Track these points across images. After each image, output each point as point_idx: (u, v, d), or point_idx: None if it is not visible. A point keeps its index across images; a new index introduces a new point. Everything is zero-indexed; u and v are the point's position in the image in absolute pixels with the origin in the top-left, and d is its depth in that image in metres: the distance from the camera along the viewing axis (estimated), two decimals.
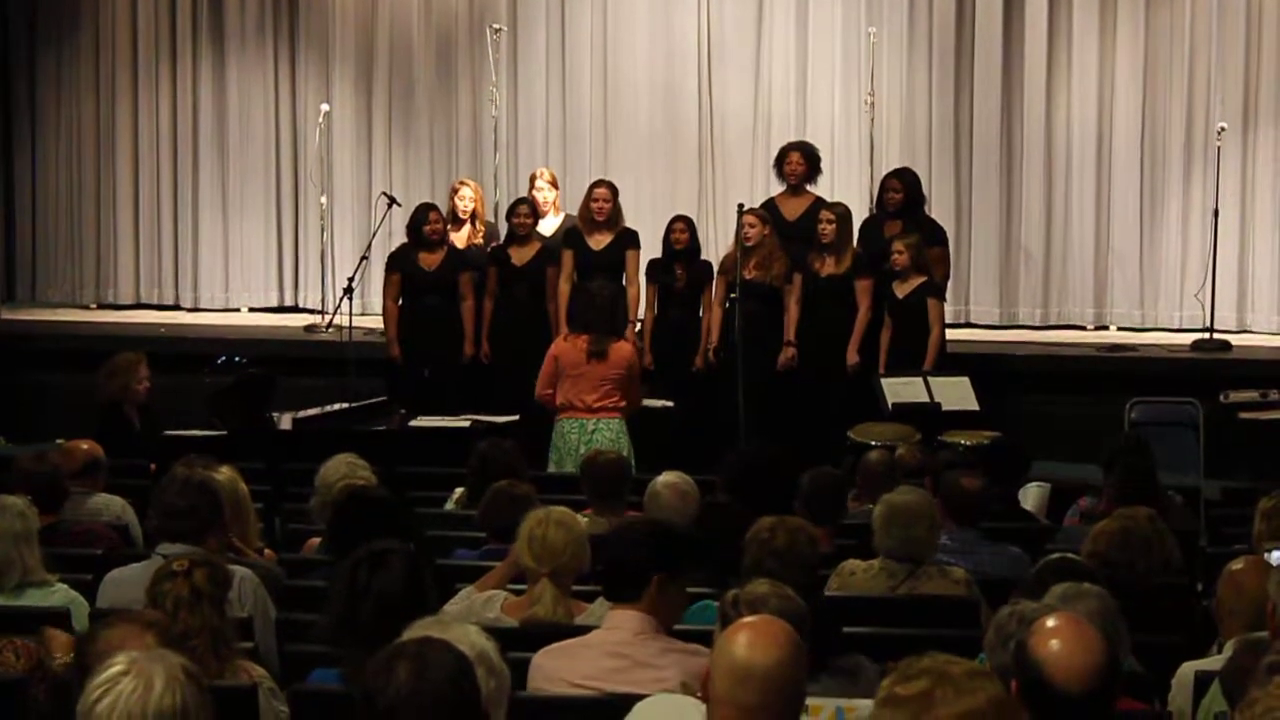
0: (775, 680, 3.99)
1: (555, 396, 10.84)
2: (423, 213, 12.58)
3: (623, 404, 10.81)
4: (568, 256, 12.41)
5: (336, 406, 11.45)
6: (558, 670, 5.31)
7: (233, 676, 5.20)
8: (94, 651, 4.26)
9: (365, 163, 15.27)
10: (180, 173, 15.41)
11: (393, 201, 13.37)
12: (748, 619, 4.33)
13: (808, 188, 12.76)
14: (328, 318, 13.63)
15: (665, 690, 5.05)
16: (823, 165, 12.92)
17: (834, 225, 12.06)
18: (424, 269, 12.46)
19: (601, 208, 12.35)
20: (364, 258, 13.14)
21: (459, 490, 8.92)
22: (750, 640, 4.04)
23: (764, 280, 12.01)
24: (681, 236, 12.36)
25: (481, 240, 12.88)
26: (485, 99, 14.59)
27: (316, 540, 7.58)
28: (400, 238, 12.92)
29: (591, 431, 10.69)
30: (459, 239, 12.78)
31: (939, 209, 13.83)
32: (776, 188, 12.94)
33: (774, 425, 11.60)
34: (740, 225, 12.01)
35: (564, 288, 12.31)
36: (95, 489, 8.33)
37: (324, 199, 14.64)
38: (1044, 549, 7.50)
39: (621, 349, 10.83)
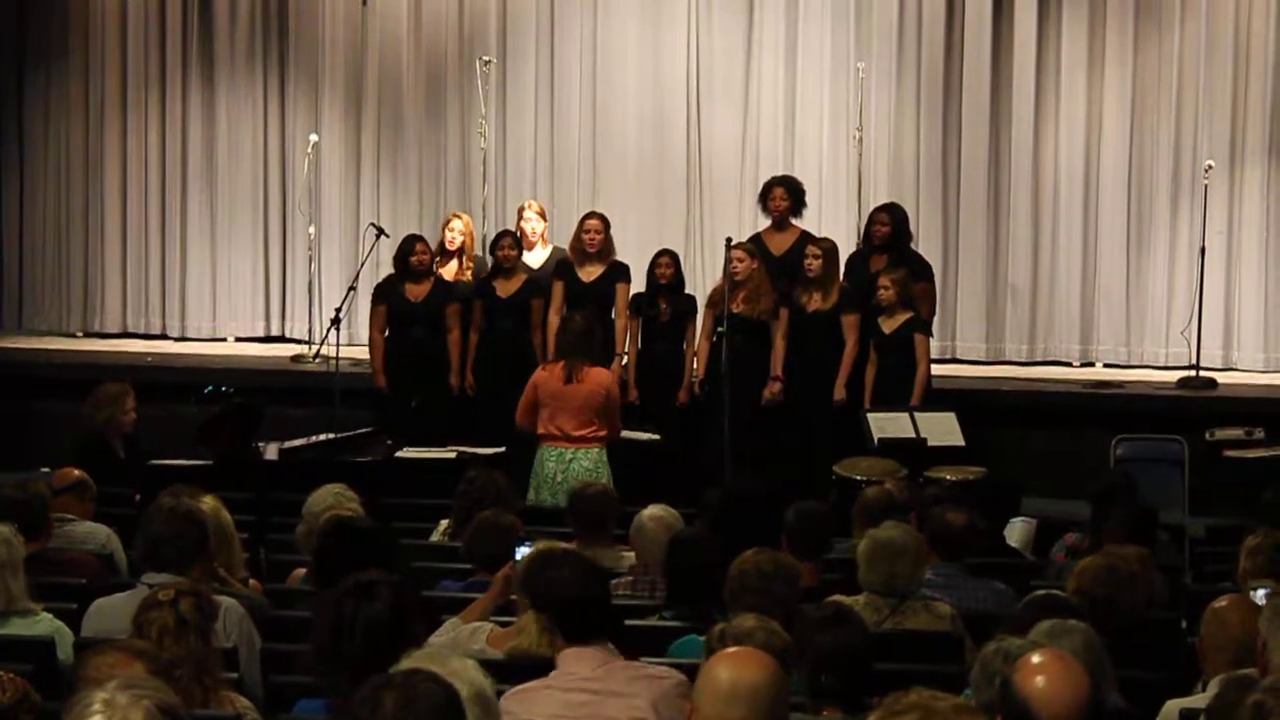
0: (762, 696, 4.05)
1: (536, 425, 10.85)
2: (409, 244, 12.59)
3: (602, 433, 10.80)
4: (558, 288, 12.42)
5: (322, 437, 11.43)
6: (526, 713, 5.26)
7: (217, 707, 5.19)
8: (84, 679, 4.25)
9: (353, 193, 15.27)
10: (168, 201, 15.41)
11: (381, 232, 13.39)
12: (727, 650, 4.39)
13: (793, 222, 12.79)
14: (315, 348, 13.63)
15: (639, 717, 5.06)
16: (808, 199, 12.94)
17: (820, 260, 12.07)
18: (410, 300, 12.46)
19: (593, 239, 12.36)
20: (352, 288, 13.14)
21: (444, 522, 8.92)
22: (734, 663, 4.16)
23: (752, 314, 12.02)
24: (666, 271, 12.36)
25: (470, 276, 12.88)
26: (474, 131, 14.60)
27: (302, 571, 7.57)
28: (388, 269, 12.93)
29: (570, 460, 10.69)
30: (447, 273, 12.79)
31: (926, 244, 13.85)
32: (763, 222, 12.97)
33: (760, 459, 11.61)
34: (729, 259, 12.02)
35: (554, 319, 12.25)
36: (82, 516, 8.32)
37: (312, 229, 14.62)
38: (1030, 585, 7.51)
39: (598, 375, 10.81)
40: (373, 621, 4.90)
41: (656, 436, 11.72)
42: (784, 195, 12.71)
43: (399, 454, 11.34)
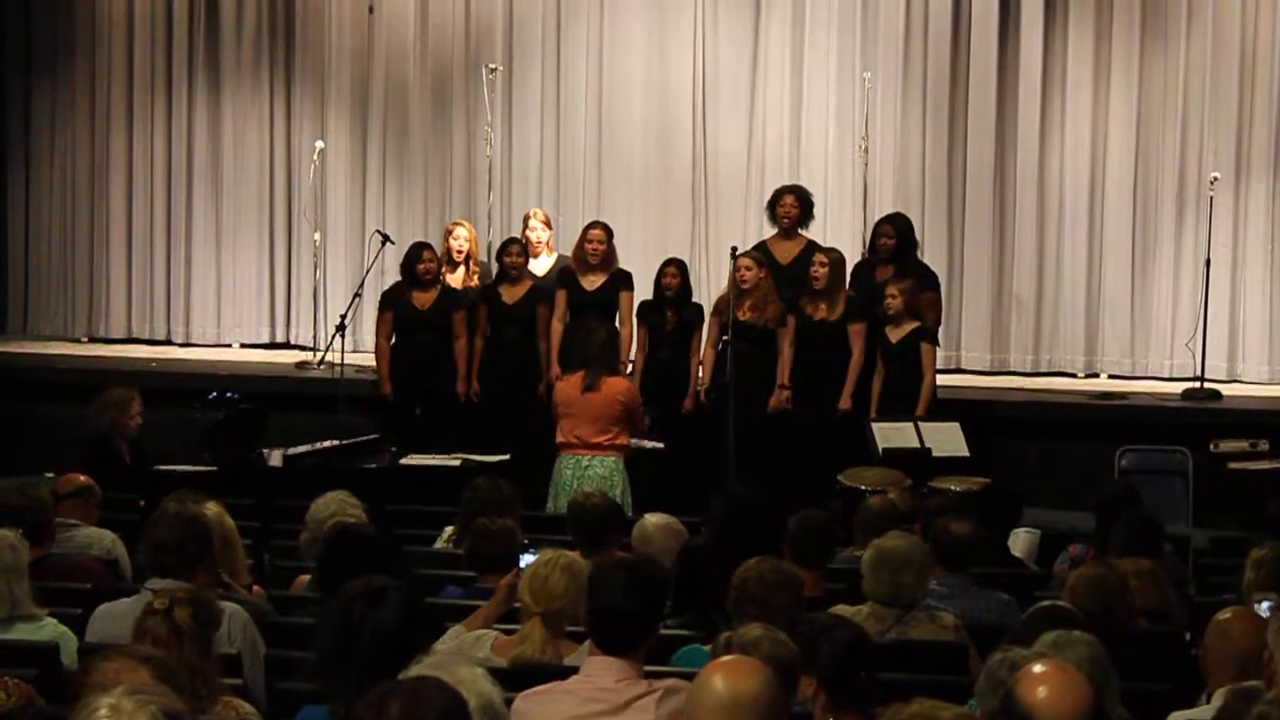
0: (762, 705, 4.02)
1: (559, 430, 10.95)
2: (416, 251, 12.58)
3: (620, 441, 10.78)
4: (561, 296, 12.42)
5: (327, 443, 11.44)
6: (539, 715, 5.25)
7: (218, 713, 5.16)
8: (89, 684, 4.24)
9: (359, 200, 15.28)
10: (174, 207, 15.43)
11: (386, 239, 13.39)
12: (719, 660, 4.37)
13: (800, 231, 12.78)
14: (320, 354, 13.64)
15: None
16: (815, 209, 12.94)
17: (826, 269, 12.06)
18: (417, 308, 12.46)
19: (596, 249, 12.36)
20: (357, 295, 13.16)
21: (449, 529, 8.91)
22: (728, 674, 4.11)
23: (758, 322, 12.01)
24: (673, 280, 12.35)
25: (476, 281, 12.88)
26: (480, 138, 14.61)
27: (306, 577, 7.57)
28: (393, 276, 12.94)
29: (585, 468, 10.69)
30: (455, 280, 12.77)
31: (932, 254, 13.86)
32: (769, 230, 12.96)
33: (764, 468, 11.60)
34: (735, 268, 12.02)
35: (557, 327, 12.33)
36: (88, 521, 8.32)
37: (317, 236, 14.64)
38: (1034, 596, 7.51)
39: (615, 384, 10.82)
40: (383, 627, 4.87)
41: (660, 445, 11.71)
42: (794, 203, 12.71)
43: (403, 461, 11.35)
